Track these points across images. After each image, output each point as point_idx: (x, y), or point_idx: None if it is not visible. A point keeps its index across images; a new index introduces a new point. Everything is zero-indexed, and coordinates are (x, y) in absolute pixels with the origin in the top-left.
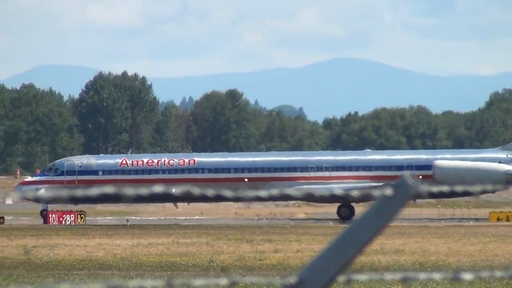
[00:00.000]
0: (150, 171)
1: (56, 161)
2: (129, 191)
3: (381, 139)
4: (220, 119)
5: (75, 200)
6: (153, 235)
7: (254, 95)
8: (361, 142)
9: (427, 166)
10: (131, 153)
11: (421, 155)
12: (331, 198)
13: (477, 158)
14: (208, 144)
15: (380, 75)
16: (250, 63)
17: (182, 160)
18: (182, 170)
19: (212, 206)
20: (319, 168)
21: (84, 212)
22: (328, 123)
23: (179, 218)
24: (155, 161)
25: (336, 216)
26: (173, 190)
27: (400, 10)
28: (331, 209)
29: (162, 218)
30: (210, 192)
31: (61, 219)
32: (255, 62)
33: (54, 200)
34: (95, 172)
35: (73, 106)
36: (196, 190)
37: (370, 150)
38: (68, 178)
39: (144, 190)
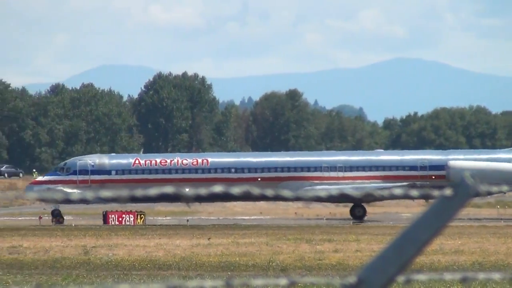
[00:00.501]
0: (163, 171)
1: (68, 160)
2: (190, 191)
3: (440, 139)
4: (280, 119)
5: (135, 200)
6: (213, 235)
7: (314, 95)
8: (420, 142)
9: (440, 166)
10: (143, 152)
11: (434, 155)
12: (345, 198)
13: (489, 159)
14: (267, 144)
15: (440, 75)
16: (311, 63)
17: (195, 160)
18: (196, 170)
19: (272, 206)
20: (332, 168)
21: (144, 212)
22: (388, 123)
23: (238, 218)
24: (168, 161)
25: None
26: (234, 190)
27: (461, 10)
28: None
29: (221, 218)
30: (269, 192)
31: (120, 219)
32: (315, 62)
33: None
34: (108, 172)
35: (132, 106)
36: (256, 190)
37: (381, 150)
38: (81, 177)
39: (203, 190)
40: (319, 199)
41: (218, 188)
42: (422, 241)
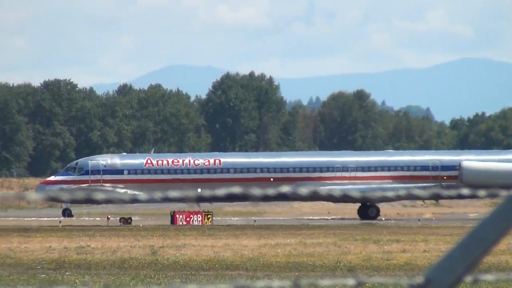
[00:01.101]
0: (176, 171)
1: (79, 160)
2: (256, 191)
3: (508, 140)
4: (347, 119)
5: (204, 200)
6: (280, 236)
7: (382, 95)
8: (488, 142)
9: (452, 166)
10: (154, 152)
11: (446, 156)
12: (361, 198)
13: (501, 160)
14: (335, 145)
15: (508, 75)
16: (377, 63)
17: (207, 160)
18: (208, 170)
19: (339, 206)
20: (344, 168)
21: (211, 212)
22: (455, 124)
23: (306, 218)
24: (180, 160)
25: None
26: (301, 190)
27: None
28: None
29: (289, 218)
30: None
31: (188, 219)
32: (382, 62)
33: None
34: (120, 172)
35: (200, 106)
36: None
37: (392, 150)
38: (93, 177)
39: (271, 191)
40: (333, 199)
41: (285, 188)
42: (490, 241)
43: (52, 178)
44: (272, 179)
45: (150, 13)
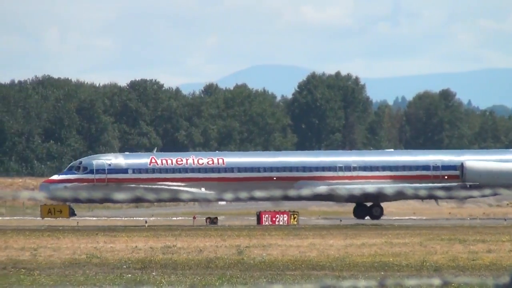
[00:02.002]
0: (180, 170)
1: (82, 159)
2: (342, 190)
3: None
4: (433, 119)
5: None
6: (366, 235)
7: (467, 95)
8: None
9: (453, 166)
10: (156, 151)
11: (446, 156)
12: (364, 198)
13: (501, 159)
14: (421, 144)
15: None
16: (462, 63)
17: (211, 159)
18: (212, 170)
19: (425, 206)
20: (347, 168)
21: (297, 212)
22: None
23: (391, 218)
24: (184, 160)
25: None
26: (387, 191)
27: None
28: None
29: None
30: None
31: (274, 219)
32: (467, 62)
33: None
34: (125, 171)
35: (286, 106)
36: (409, 191)
37: (392, 150)
38: (98, 176)
39: (356, 190)
40: (339, 198)
41: (371, 188)
42: None
43: (55, 177)
44: (275, 178)
45: (236, 13)
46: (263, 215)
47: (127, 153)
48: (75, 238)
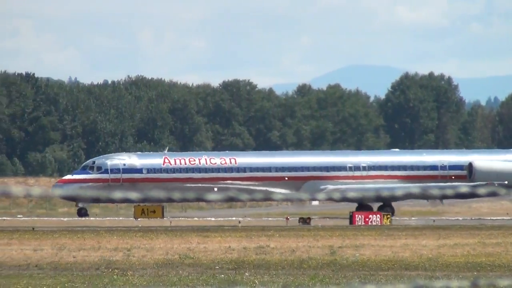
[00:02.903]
0: (193, 170)
1: (96, 158)
2: (436, 192)
3: None
4: None
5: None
6: (459, 235)
7: None
8: None
9: (459, 166)
10: (168, 151)
11: (453, 155)
12: (375, 198)
13: (507, 159)
14: None
15: None
16: None
17: (223, 159)
18: (225, 169)
19: None
20: (356, 167)
21: (391, 212)
22: None
23: (485, 218)
24: (197, 159)
25: None
26: (480, 191)
27: None
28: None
29: (467, 218)
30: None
31: (367, 219)
32: None
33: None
34: (139, 171)
35: (379, 106)
36: (464, 189)
37: (397, 150)
38: (113, 176)
39: (449, 191)
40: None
41: (464, 189)
42: None
43: (69, 177)
44: (286, 178)
45: (330, 13)
46: (356, 215)
47: (139, 152)
48: (168, 239)
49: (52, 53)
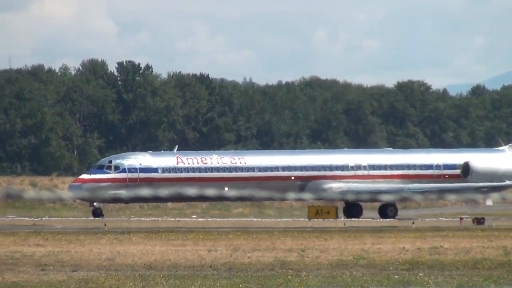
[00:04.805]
0: (206, 169)
1: (111, 157)
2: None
3: None
4: None
5: None
6: None
7: None
8: None
9: (454, 165)
10: (177, 150)
11: (448, 155)
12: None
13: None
14: None
15: None
16: None
17: (233, 158)
18: (235, 169)
19: None
20: (358, 167)
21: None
22: None
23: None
24: (208, 158)
25: None
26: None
27: None
28: None
29: None
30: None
31: None
32: None
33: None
34: (155, 170)
35: None
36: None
37: (391, 149)
38: (130, 175)
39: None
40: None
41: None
42: None
43: (85, 176)
44: (293, 178)
45: (504, 13)
46: None
47: (151, 151)
48: (342, 239)
49: (226, 54)
